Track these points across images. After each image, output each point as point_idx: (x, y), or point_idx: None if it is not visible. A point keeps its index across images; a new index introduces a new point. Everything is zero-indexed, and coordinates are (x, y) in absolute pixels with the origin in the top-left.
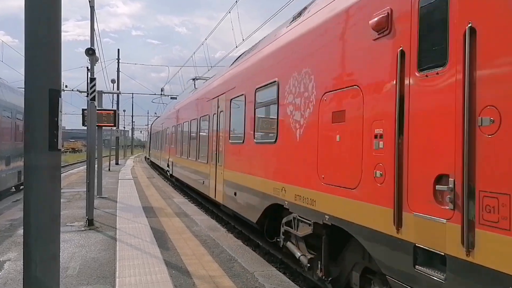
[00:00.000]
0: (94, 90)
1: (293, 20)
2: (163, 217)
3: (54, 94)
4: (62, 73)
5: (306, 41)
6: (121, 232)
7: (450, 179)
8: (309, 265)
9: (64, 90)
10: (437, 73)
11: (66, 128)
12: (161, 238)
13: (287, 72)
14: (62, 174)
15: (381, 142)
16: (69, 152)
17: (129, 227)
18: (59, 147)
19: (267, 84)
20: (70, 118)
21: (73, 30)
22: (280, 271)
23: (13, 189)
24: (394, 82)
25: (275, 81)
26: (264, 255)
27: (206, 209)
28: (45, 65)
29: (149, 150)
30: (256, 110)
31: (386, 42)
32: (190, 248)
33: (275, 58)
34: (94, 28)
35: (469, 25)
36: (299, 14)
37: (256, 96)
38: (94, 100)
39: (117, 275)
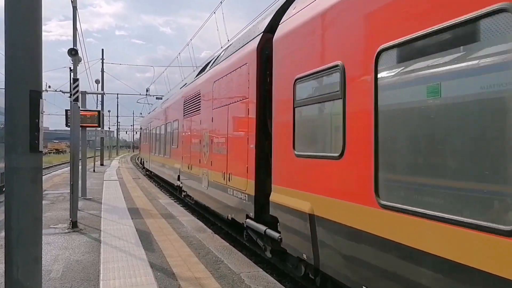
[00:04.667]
0: (77, 91)
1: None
2: (149, 219)
3: (35, 96)
4: (45, 73)
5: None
6: (106, 234)
7: None
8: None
9: (47, 91)
10: None
11: (49, 128)
12: (146, 239)
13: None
14: (45, 176)
15: None
16: (53, 153)
17: (114, 228)
18: (41, 148)
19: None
20: (54, 118)
21: (55, 30)
22: (266, 272)
23: None
24: None
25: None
26: (250, 256)
27: (193, 210)
28: (25, 66)
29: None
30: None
31: None
32: (176, 250)
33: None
34: (76, 28)
35: None
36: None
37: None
38: (78, 101)
39: (101, 278)
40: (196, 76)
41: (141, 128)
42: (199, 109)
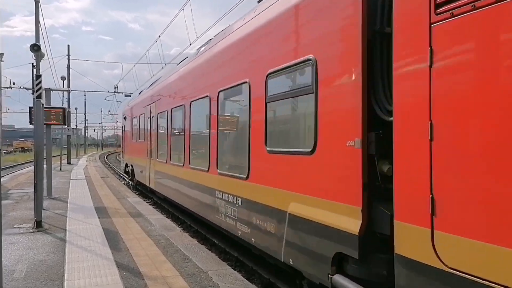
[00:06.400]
0: (40, 87)
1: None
2: (116, 218)
3: None
4: (10, 70)
5: None
6: (71, 234)
7: None
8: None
9: (11, 88)
10: None
11: (15, 126)
12: (113, 239)
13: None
14: (10, 175)
15: None
16: (19, 151)
17: (79, 228)
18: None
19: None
20: (20, 116)
21: (20, 26)
22: (235, 270)
23: None
24: None
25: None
26: (220, 254)
27: (162, 208)
28: None
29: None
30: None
31: None
32: (143, 249)
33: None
34: (39, 23)
35: None
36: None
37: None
38: (41, 98)
39: (65, 278)
40: None
41: (125, 118)
42: None
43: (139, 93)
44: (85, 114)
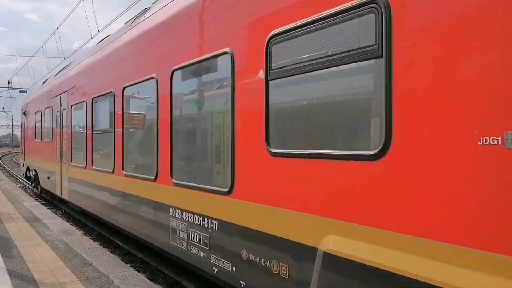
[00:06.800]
0: None
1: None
2: (10, 223)
3: None
4: None
5: None
6: None
7: None
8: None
9: None
10: None
11: None
12: (5, 246)
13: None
14: None
15: None
16: None
17: None
18: None
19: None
20: None
21: None
22: (139, 271)
23: None
24: None
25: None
26: (124, 256)
27: (62, 212)
28: None
29: None
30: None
31: None
32: (39, 255)
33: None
34: None
35: None
36: None
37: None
38: None
39: None
40: None
41: (25, 114)
42: None
43: (43, 83)
44: None
